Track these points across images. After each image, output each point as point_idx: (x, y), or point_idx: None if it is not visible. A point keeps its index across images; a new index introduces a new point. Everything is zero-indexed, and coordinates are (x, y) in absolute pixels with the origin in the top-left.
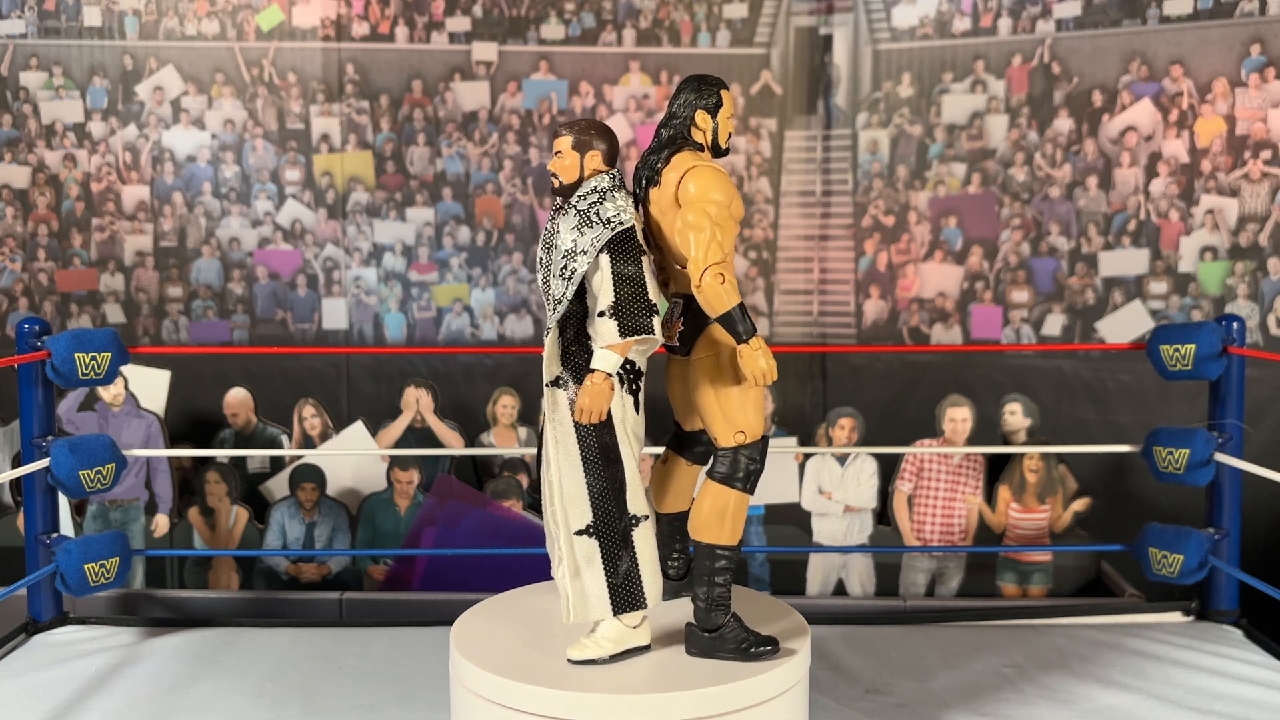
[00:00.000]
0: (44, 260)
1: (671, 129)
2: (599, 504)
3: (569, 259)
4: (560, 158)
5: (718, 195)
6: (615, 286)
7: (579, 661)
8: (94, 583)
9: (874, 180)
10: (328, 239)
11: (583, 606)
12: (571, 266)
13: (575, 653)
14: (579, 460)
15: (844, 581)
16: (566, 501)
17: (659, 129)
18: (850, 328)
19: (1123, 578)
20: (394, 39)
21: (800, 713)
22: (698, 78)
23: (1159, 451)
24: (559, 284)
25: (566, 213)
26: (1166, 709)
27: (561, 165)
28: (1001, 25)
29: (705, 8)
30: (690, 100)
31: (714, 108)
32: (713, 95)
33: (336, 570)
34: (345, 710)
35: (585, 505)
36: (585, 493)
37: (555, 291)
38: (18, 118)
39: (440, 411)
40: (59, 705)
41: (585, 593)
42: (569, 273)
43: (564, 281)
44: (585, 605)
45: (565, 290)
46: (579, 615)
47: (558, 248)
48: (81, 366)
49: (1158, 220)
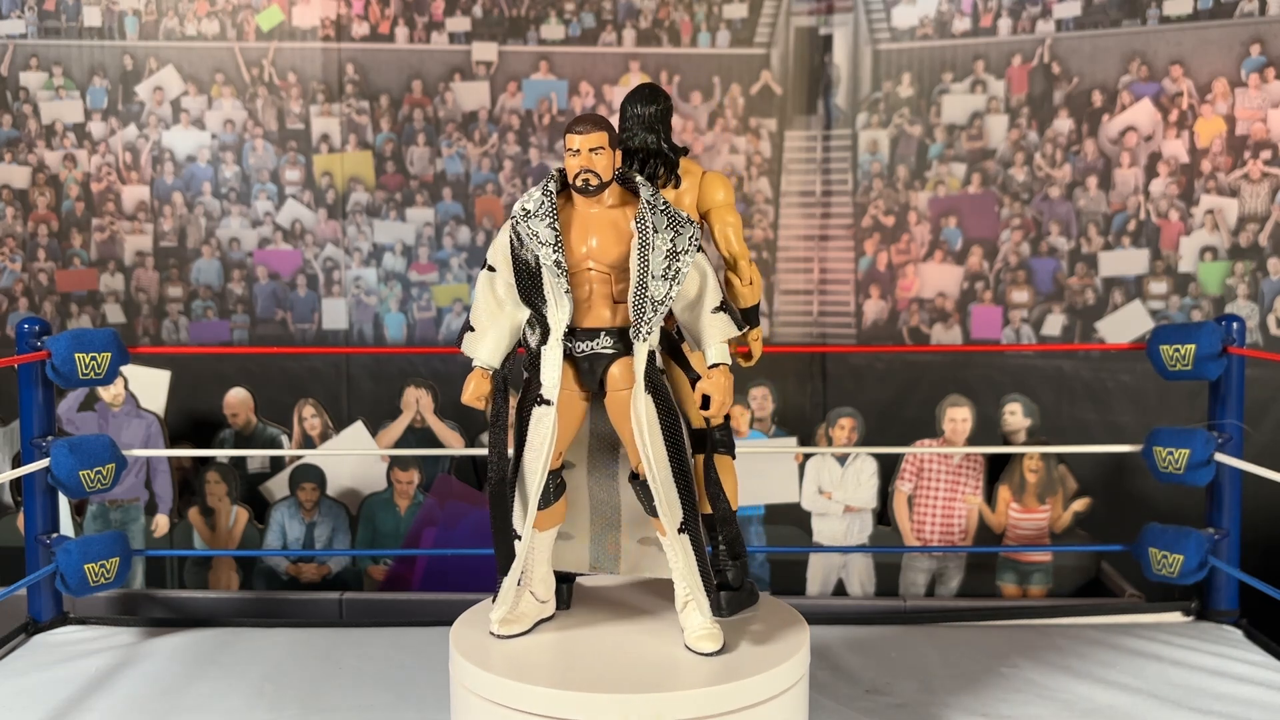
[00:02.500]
0: (44, 260)
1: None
2: (687, 500)
3: (672, 260)
4: (600, 155)
5: None
6: (717, 283)
7: (712, 653)
8: (94, 583)
9: (874, 180)
10: (328, 239)
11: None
12: (675, 266)
13: (709, 645)
14: (670, 459)
15: (844, 582)
16: (670, 503)
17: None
18: (850, 328)
19: (1123, 578)
20: (394, 39)
21: (800, 713)
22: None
23: (1159, 451)
24: (661, 285)
25: (653, 214)
26: (1166, 709)
27: (603, 163)
28: (1001, 25)
29: (705, 8)
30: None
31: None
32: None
33: (336, 570)
34: (345, 710)
35: (680, 504)
36: (678, 492)
37: (657, 293)
38: (18, 118)
39: (440, 411)
40: (59, 705)
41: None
42: (673, 272)
43: (668, 283)
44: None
45: (669, 291)
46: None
47: (656, 248)
48: (81, 366)
49: (1158, 220)
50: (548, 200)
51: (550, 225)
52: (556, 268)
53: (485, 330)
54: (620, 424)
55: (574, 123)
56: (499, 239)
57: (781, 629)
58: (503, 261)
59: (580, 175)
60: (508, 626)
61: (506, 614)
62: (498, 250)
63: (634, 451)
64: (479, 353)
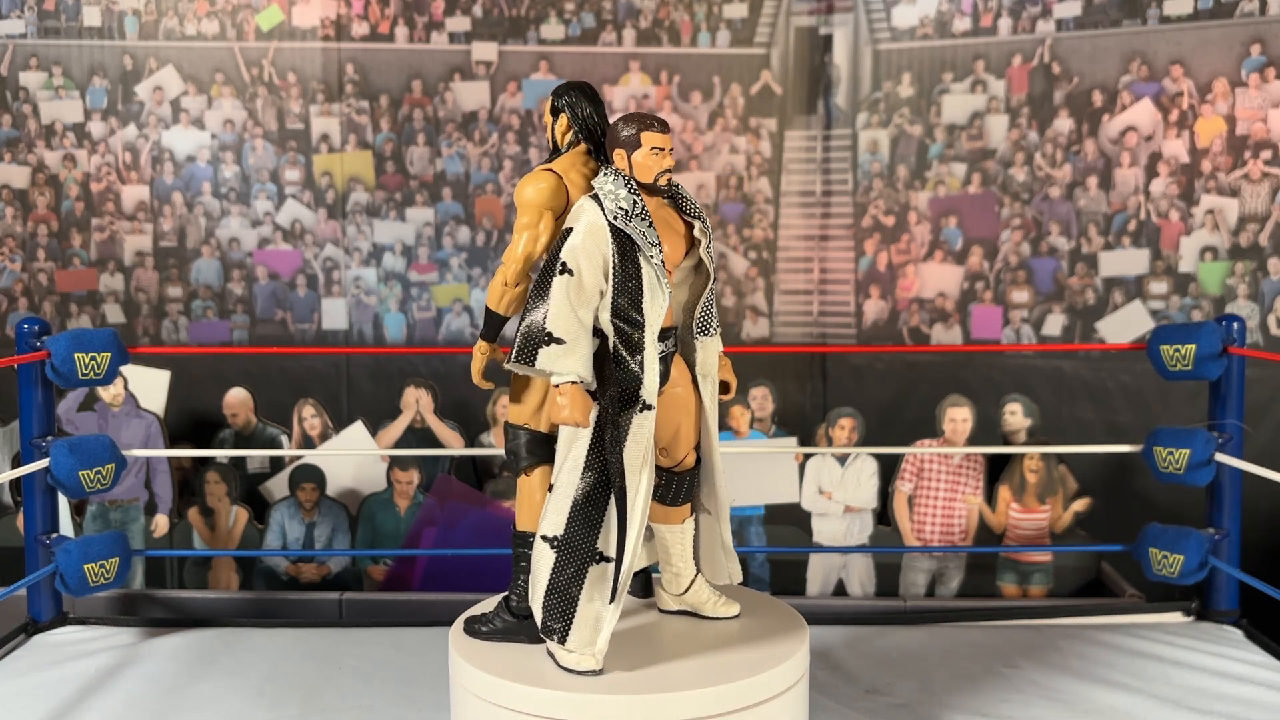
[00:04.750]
0: (44, 260)
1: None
2: None
3: (710, 255)
4: (672, 154)
5: None
6: None
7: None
8: (94, 583)
9: (874, 180)
10: (327, 239)
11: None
12: (715, 262)
13: (734, 608)
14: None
15: (844, 582)
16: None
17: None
18: (850, 328)
19: (1123, 578)
20: (394, 39)
21: (800, 713)
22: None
23: (1159, 452)
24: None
25: (699, 212)
26: (1166, 709)
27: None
28: (1001, 25)
29: (705, 8)
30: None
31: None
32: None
33: (336, 570)
34: (345, 710)
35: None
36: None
37: (714, 289)
38: (17, 118)
39: (440, 411)
40: (59, 705)
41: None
42: (716, 268)
43: (715, 280)
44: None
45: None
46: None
47: (709, 246)
48: (81, 367)
49: (1158, 220)
50: (639, 200)
51: (651, 225)
52: (661, 267)
53: (576, 340)
54: (682, 417)
55: (655, 121)
56: (583, 241)
57: (781, 629)
58: (590, 263)
59: (664, 174)
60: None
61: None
62: (581, 253)
63: (686, 443)
64: (575, 366)
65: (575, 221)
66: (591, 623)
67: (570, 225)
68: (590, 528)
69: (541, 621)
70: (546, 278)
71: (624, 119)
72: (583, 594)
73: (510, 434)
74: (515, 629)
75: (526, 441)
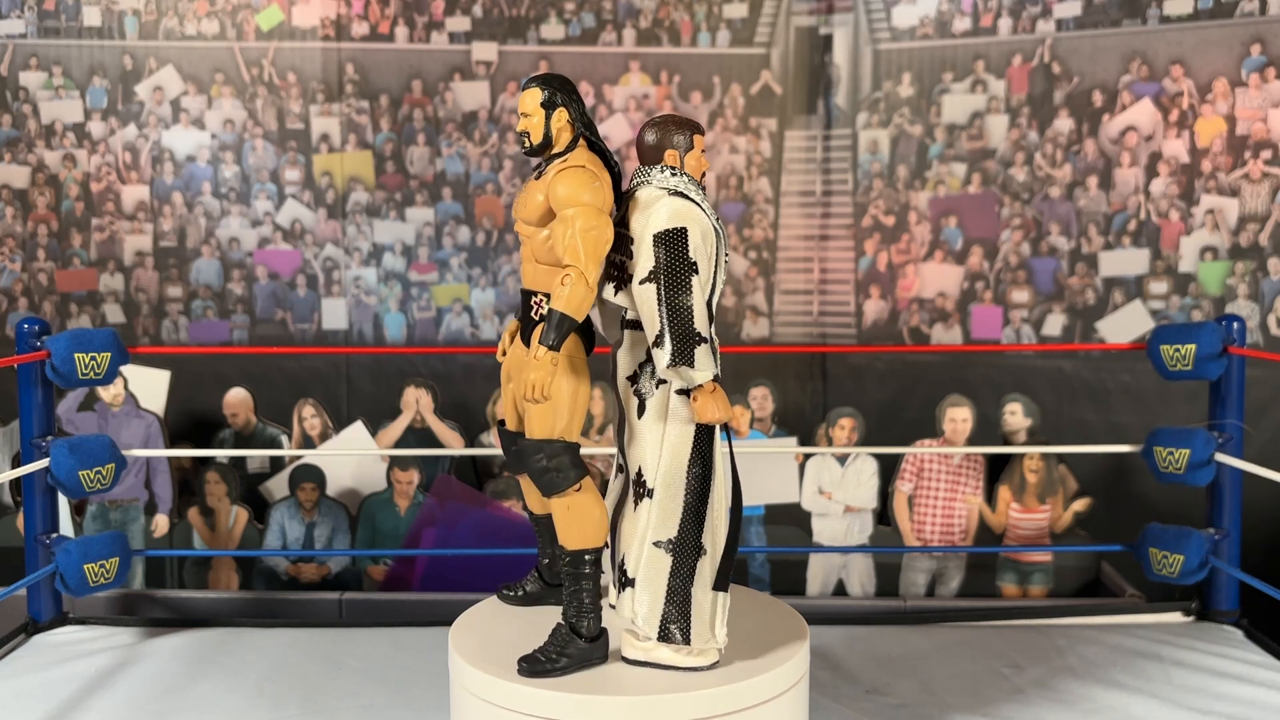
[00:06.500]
0: (44, 260)
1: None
2: None
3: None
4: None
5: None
6: None
7: None
8: (94, 583)
9: (874, 180)
10: (327, 239)
11: None
12: None
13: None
14: None
15: (844, 582)
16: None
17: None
18: (850, 328)
19: (1123, 578)
20: (394, 39)
21: (800, 713)
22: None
23: (1159, 452)
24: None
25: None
26: (1166, 709)
27: None
28: (1001, 25)
29: (705, 8)
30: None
31: None
32: None
33: (336, 570)
34: (345, 710)
35: None
36: None
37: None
38: (17, 118)
39: (440, 411)
40: (59, 705)
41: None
42: None
43: None
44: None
45: None
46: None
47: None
48: (81, 366)
49: (1158, 220)
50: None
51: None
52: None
53: (708, 337)
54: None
55: (700, 125)
56: (703, 241)
57: (781, 629)
58: (707, 264)
59: (705, 175)
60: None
61: None
62: (702, 253)
63: None
64: (716, 365)
65: (679, 221)
66: (709, 615)
67: (658, 221)
68: (699, 523)
69: (660, 628)
70: (616, 277)
71: (674, 121)
72: (696, 589)
73: (544, 449)
74: (589, 653)
75: (571, 455)
